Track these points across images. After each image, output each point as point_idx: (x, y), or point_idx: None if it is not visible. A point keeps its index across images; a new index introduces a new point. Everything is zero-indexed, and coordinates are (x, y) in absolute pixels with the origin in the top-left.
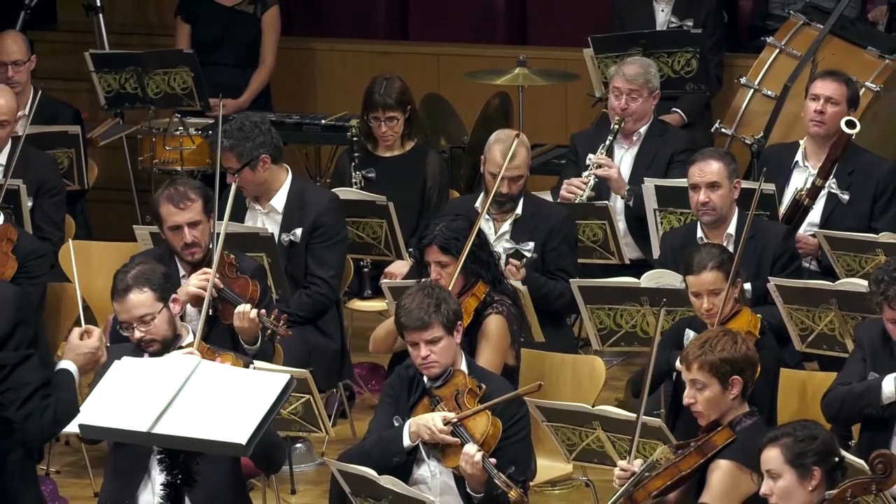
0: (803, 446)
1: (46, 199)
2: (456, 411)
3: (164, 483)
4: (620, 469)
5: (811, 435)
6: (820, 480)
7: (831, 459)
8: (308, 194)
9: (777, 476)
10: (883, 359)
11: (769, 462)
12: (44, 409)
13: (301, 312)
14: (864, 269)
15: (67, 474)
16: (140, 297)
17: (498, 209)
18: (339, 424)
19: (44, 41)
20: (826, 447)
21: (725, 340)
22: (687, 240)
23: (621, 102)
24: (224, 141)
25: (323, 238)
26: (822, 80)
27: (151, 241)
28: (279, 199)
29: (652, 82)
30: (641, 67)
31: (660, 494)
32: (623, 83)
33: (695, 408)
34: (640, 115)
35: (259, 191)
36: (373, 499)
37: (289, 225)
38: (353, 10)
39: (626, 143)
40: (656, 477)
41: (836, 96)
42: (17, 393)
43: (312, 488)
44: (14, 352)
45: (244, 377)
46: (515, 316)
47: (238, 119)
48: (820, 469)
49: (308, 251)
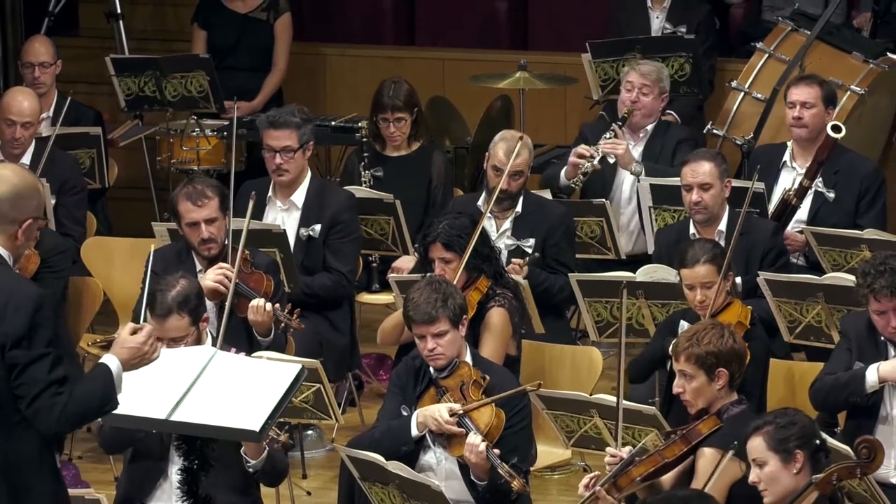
0: (784, 432)
1: (69, 196)
2: (461, 401)
3: (180, 468)
4: (610, 455)
5: (791, 421)
6: (803, 463)
7: (812, 442)
8: (327, 192)
9: (763, 463)
10: (868, 349)
11: (754, 451)
12: (52, 406)
13: (320, 292)
14: (849, 263)
15: (89, 459)
16: (179, 323)
17: (498, 207)
18: (349, 412)
19: (66, 46)
20: (806, 431)
21: (712, 334)
22: (680, 236)
23: (632, 95)
24: (292, 118)
25: (341, 234)
26: (796, 86)
27: (169, 237)
28: (299, 195)
29: (663, 82)
30: (655, 67)
31: (643, 481)
32: (637, 77)
33: (683, 397)
34: (649, 112)
35: (295, 178)
36: (381, 483)
37: (308, 220)
38: (362, 16)
39: (633, 138)
40: (640, 464)
41: (810, 100)
42: (28, 389)
43: (323, 473)
44: (27, 351)
45: (258, 367)
46: (516, 308)
47: (290, 106)
48: (802, 452)
49: (327, 246)
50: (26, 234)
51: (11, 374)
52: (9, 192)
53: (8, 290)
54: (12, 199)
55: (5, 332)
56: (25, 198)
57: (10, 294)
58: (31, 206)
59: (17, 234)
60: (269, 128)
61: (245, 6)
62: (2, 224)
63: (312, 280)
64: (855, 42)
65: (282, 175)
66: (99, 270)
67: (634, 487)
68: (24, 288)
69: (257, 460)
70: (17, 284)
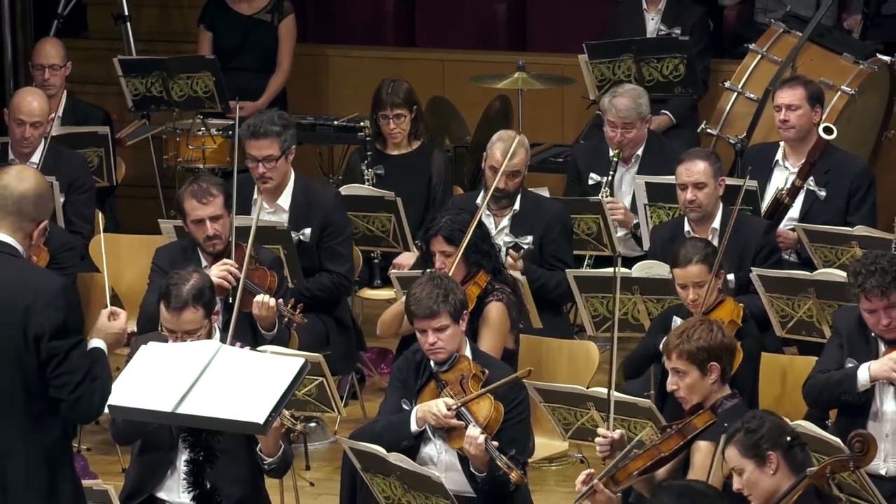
0: (753, 436)
1: (77, 194)
2: (460, 394)
3: (187, 460)
4: (601, 437)
5: (759, 424)
6: (779, 463)
7: (783, 441)
8: (312, 192)
9: (741, 471)
10: (859, 345)
11: (730, 461)
12: (92, 391)
13: (319, 292)
14: (839, 259)
15: (97, 451)
16: (193, 316)
17: (495, 205)
18: (351, 405)
19: (75, 48)
20: (774, 430)
21: (702, 330)
22: (675, 233)
23: (617, 135)
24: (272, 127)
25: (334, 236)
26: (780, 90)
27: (175, 234)
28: (285, 199)
29: (642, 111)
30: (631, 100)
31: (640, 475)
32: (616, 118)
33: (678, 393)
34: (637, 142)
35: (280, 182)
36: (382, 474)
37: (297, 224)
38: (364, 18)
39: (625, 164)
40: (637, 458)
41: (795, 102)
42: (70, 377)
43: (326, 465)
44: (66, 340)
45: (262, 361)
46: (514, 303)
47: (270, 112)
48: (775, 453)
49: (321, 249)
50: (39, 236)
51: (49, 364)
52: (33, 191)
53: (35, 284)
54: (35, 199)
55: (40, 323)
56: (45, 199)
57: (38, 287)
58: (49, 208)
59: (32, 233)
60: (250, 138)
61: (250, 8)
62: (23, 222)
63: (311, 282)
64: (845, 43)
65: (266, 182)
66: (107, 267)
67: (631, 481)
68: (49, 279)
69: (273, 458)
70: (41, 276)
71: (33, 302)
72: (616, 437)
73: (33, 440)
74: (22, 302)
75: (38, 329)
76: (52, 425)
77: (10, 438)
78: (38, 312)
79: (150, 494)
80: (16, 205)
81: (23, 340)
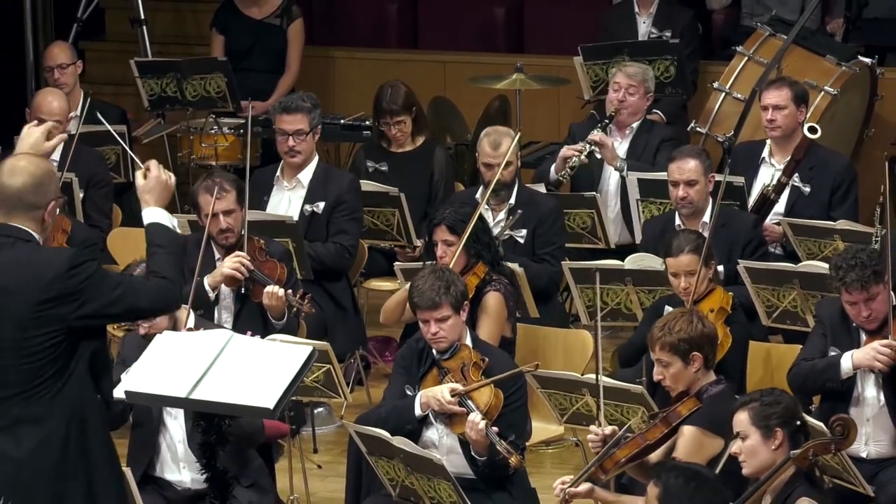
0: (768, 409)
1: (96, 190)
2: (462, 382)
3: (200, 443)
4: (593, 434)
5: (776, 400)
6: (782, 441)
7: (793, 423)
8: (331, 174)
9: (745, 436)
10: (841, 334)
11: (738, 424)
12: (136, 292)
13: (324, 259)
14: (823, 252)
15: None
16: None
17: (495, 198)
18: (356, 391)
19: (94, 50)
20: (789, 411)
21: (682, 321)
22: (666, 227)
23: (619, 94)
24: (303, 104)
25: (345, 212)
26: (766, 91)
27: (190, 228)
28: (306, 175)
29: (648, 83)
30: (641, 69)
31: (627, 462)
32: (623, 78)
33: (664, 383)
34: (634, 110)
35: (305, 158)
36: (386, 457)
37: (313, 198)
38: (369, 21)
39: (619, 135)
40: (624, 446)
41: (781, 102)
42: (120, 300)
43: (332, 448)
44: (101, 290)
45: (272, 349)
46: (512, 293)
47: (299, 93)
48: (782, 430)
49: (330, 223)
50: (52, 214)
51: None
52: (30, 182)
53: (45, 260)
54: (34, 188)
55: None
56: (45, 184)
57: (52, 260)
58: (52, 190)
59: (43, 217)
60: (282, 113)
61: (260, 12)
62: (29, 212)
63: (316, 247)
64: (828, 46)
65: (294, 156)
66: (125, 259)
67: (619, 469)
68: (60, 252)
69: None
70: (53, 252)
71: (51, 274)
72: (608, 432)
73: (80, 397)
74: (41, 277)
75: (63, 290)
76: (89, 386)
77: (44, 407)
78: (58, 279)
79: (146, 473)
80: (16, 199)
81: (43, 313)
